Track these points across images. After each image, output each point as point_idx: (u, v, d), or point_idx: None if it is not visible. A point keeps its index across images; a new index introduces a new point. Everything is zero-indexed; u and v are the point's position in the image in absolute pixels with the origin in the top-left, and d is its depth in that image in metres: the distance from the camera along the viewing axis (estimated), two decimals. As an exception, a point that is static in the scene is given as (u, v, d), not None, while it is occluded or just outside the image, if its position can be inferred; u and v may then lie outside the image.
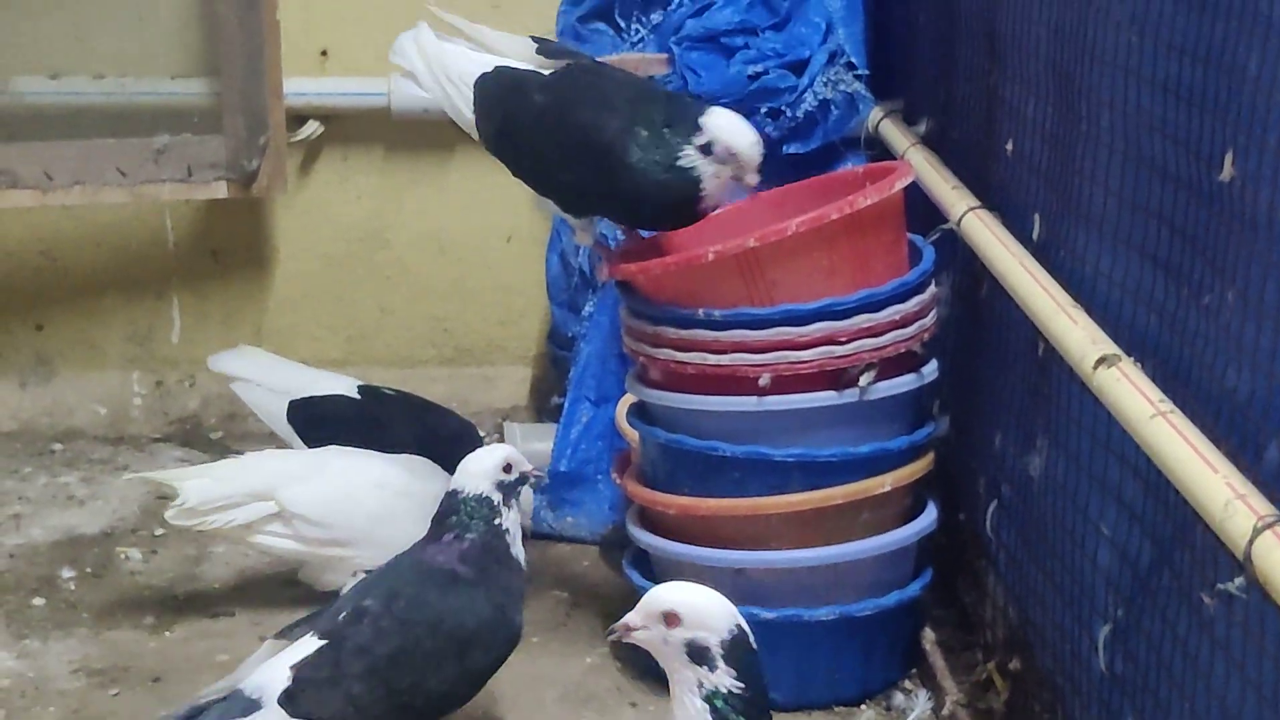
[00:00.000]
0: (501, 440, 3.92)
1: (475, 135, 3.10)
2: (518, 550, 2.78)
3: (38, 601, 3.41)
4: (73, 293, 4.34)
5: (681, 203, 2.94)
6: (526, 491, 2.89)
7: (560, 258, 4.08)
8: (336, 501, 3.28)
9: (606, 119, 2.93)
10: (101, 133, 4.13)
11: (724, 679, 2.00)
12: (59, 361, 4.35)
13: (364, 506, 3.29)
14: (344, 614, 2.64)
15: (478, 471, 2.78)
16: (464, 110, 3.07)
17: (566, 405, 3.80)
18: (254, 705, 2.54)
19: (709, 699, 2.01)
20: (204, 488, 3.22)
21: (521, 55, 3.10)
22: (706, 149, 2.90)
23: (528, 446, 3.86)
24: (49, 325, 4.35)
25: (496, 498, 2.76)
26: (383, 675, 2.59)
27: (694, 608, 2.03)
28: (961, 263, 3.08)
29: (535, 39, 3.16)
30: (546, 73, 3.04)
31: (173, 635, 3.30)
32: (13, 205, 4.10)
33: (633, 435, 3.23)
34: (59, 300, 4.34)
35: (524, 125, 3.01)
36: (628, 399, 3.45)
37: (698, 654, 2.01)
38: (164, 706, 3.00)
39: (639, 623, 2.05)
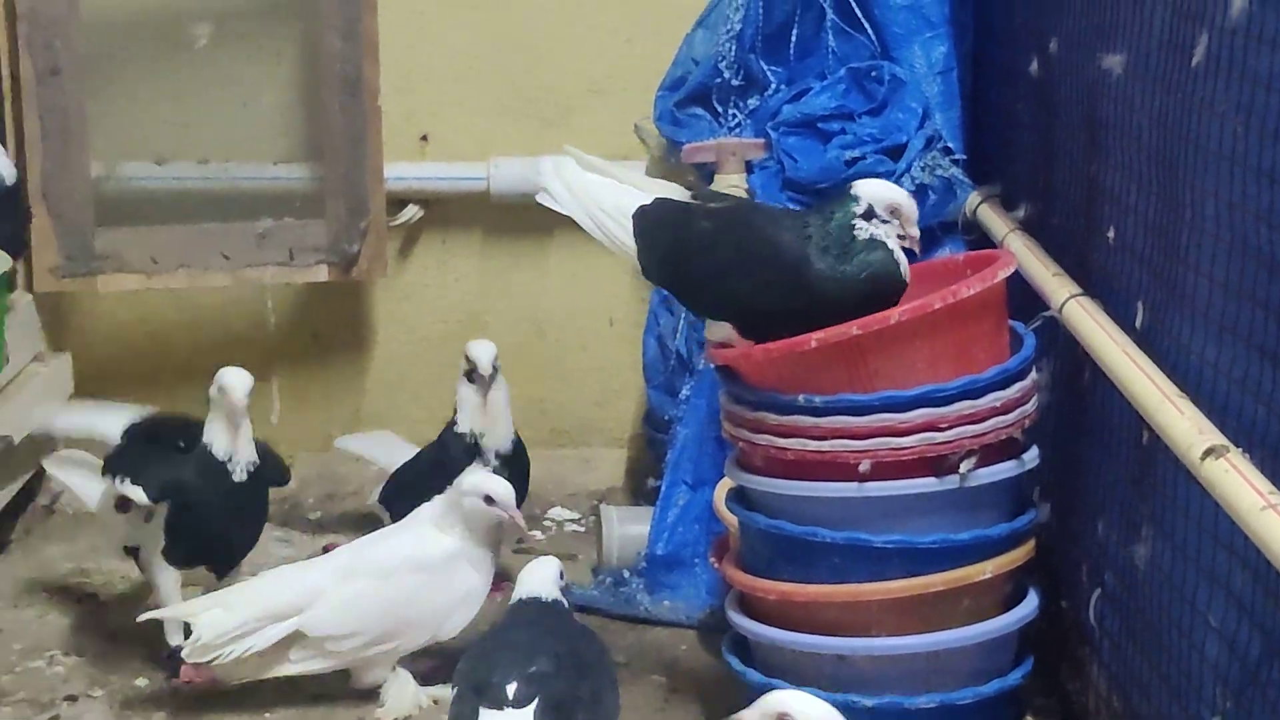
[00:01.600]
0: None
1: (634, 262, 3.15)
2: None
3: (140, 683, 3.45)
4: (176, 374, 4.40)
5: (882, 276, 2.92)
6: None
7: (657, 341, 4.11)
8: (355, 610, 3.25)
9: (782, 234, 2.96)
10: (206, 217, 4.21)
11: None
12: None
13: (386, 601, 3.27)
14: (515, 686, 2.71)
15: (541, 583, 2.92)
16: (622, 237, 3.12)
17: (663, 489, 3.81)
18: None
19: None
20: (216, 620, 3.18)
21: (670, 191, 3.18)
22: (869, 214, 2.91)
23: (624, 529, 3.89)
24: (152, 406, 4.40)
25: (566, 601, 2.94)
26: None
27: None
28: (1062, 349, 3.08)
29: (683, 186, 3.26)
30: (709, 204, 3.10)
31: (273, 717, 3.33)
32: (119, 289, 4.18)
33: (731, 520, 3.24)
34: (162, 382, 4.40)
35: (694, 251, 3.04)
36: (725, 483, 3.46)
37: None
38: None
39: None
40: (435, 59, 4.32)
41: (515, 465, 3.74)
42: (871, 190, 2.95)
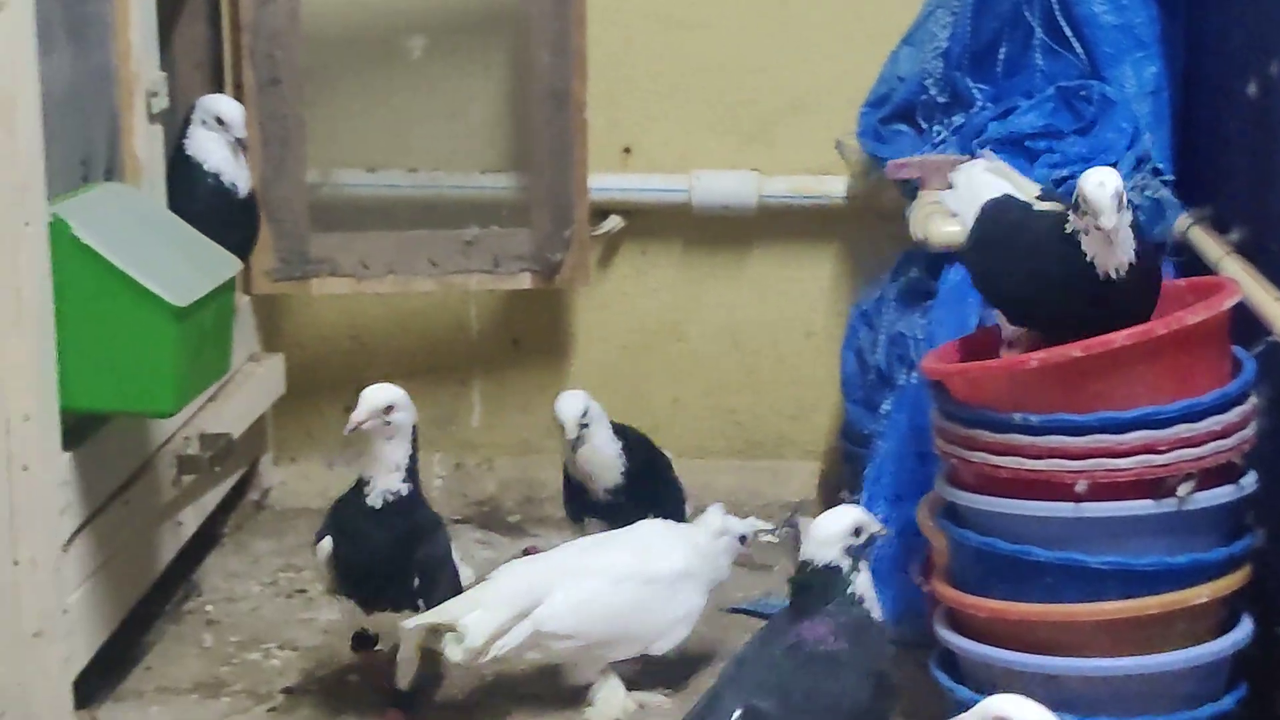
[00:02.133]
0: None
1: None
2: (876, 611, 2.86)
3: (351, 679, 3.54)
4: (380, 376, 4.45)
5: (1070, 274, 2.90)
6: None
7: (856, 355, 4.14)
8: (584, 612, 3.29)
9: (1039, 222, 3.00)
10: (414, 224, 4.31)
11: None
12: (366, 444, 4.50)
13: (612, 608, 3.32)
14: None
15: (827, 539, 2.83)
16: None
17: (862, 503, 3.83)
18: None
19: None
20: (482, 621, 3.22)
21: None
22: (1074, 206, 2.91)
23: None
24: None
25: (846, 564, 2.82)
26: None
27: None
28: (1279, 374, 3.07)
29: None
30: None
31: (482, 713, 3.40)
32: (330, 293, 4.29)
33: (938, 536, 3.26)
34: (367, 383, 4.46)
35: (989, 241, 3.10)
36: (928, 498, 3.48)
37: None
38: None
39: None
40: (639, 74, 4.39)
41: (633, 490, 3.73)
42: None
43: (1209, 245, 3.46)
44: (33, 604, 3.05)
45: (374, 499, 3.27)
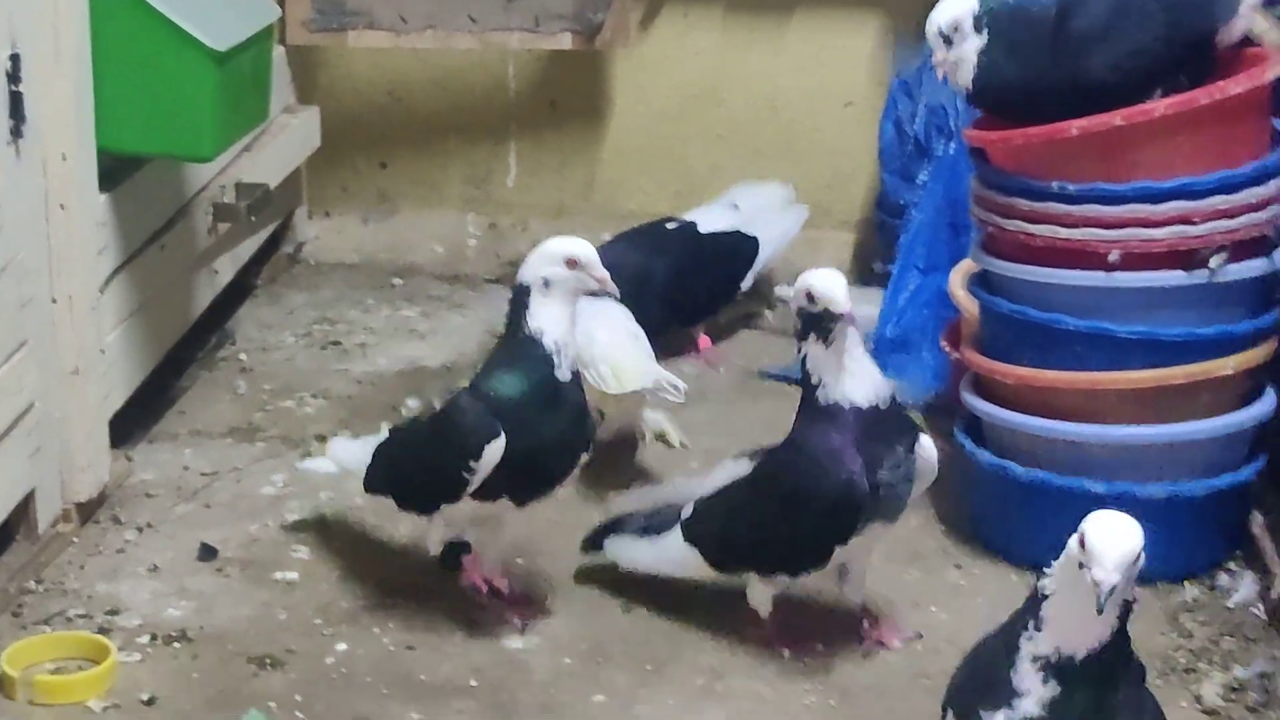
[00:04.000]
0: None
1: None
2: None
3: (386, 425, 3.60)
4: (416, 134, 4.50)
5: None
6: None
7: (895, 125, 4.12)
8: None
9: None
10: (455, -21, 4.26)
11: None
12: (400, 199, 4.54)
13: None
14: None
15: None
16: None
17: (895, 272, 3.85)
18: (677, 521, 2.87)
19: None
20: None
21: None
22: None
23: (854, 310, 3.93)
24: (392, 164, 4.53)
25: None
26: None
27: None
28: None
29: None
30: None
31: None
32: (369, 45, 4.27)
33: (969, 304, 3.27)
34: (403, 140, 4.51)
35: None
36: (961, 267, 3.49)
37: None
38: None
39: None
40: None
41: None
42: None
43: (1257, 19, 3.41)
44: (70, 341, 3.09)
45: (563, 371, 2.76)
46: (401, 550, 3.13)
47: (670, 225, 4.02)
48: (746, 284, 4.04)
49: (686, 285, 3.87)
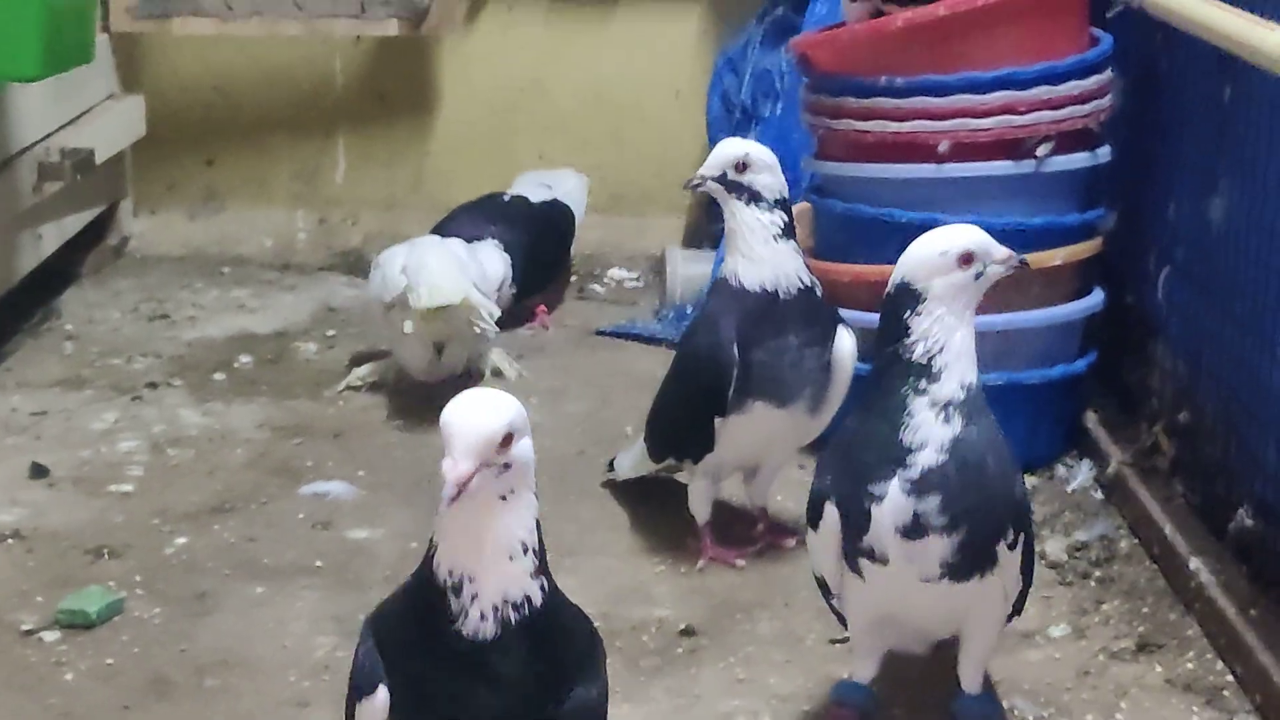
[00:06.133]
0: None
1: None
2: None
3: (218, 376, 3.54)
4: (243, 130, 4.48)
5: None
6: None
7: (722, 99, 4.18)
8: None
9: None
10: (278, -33, 4.27)
11: None
12: (228, 196, 4.49)
13: None
14: None
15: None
16: None
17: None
18: None
19: None
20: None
21: None
22: None
23: (687, 270, 3.98)
24: (219, 161, 4.49)
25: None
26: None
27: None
28: (1136, 51, 3.16)
29: None
30: None
31: (348, 405, 3.41)
32: (194, 33, 4.25)
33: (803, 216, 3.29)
34: (229, 137, 4.48)
35: None
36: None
37: None
38: (346, 456, 3.13)
39: None
40: None
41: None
42: None
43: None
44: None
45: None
46: (239, 468, 3.07)
47: (505, 198, 4.04)
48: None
49: (532, 253, 3.87)
